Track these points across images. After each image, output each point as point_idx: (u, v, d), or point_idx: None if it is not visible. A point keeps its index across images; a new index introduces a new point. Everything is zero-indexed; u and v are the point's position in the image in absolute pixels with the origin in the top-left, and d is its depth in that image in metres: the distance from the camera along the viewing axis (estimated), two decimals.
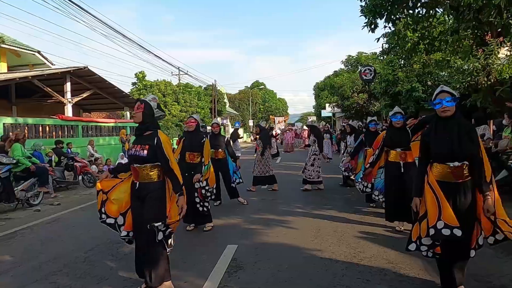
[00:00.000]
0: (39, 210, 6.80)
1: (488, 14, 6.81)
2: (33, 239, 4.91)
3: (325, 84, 31.07)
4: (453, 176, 2.73)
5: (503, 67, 7.38)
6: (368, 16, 8.01)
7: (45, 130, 11.50)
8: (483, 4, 6.82)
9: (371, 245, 4.22)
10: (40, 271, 3.68)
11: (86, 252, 4.16)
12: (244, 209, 6.31)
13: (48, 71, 13.68)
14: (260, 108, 55.10)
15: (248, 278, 3.37)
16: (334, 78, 26.33)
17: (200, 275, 3.43)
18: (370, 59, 22.82)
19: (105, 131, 14.67)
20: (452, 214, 2.64)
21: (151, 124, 3.00)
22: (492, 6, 6.51)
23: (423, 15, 8.26)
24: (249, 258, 3.87)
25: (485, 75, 7.32)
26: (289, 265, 3.66)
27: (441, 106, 2.74)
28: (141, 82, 25.69)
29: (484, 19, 7.30)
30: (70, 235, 4.93)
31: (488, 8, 6.74)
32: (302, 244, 4.32)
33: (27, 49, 15.22)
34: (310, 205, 6.46)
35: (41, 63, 16.12)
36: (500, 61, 7.35)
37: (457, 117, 2.76)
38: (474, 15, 7.33)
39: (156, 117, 3.05)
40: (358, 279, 3.29)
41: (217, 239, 4.57)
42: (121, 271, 3.55)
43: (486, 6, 6.76)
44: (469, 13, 7.25)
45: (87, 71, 13.74)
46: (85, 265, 3.81)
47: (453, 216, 2.63)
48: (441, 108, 2.74)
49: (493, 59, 7.19)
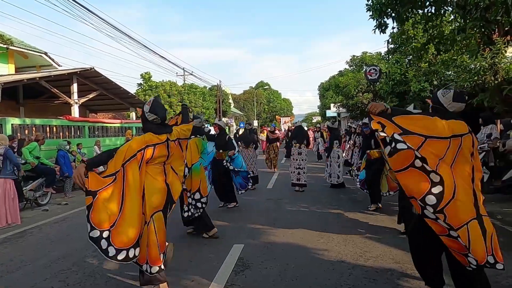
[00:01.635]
0: (47, 210, 6.88)
1: (495, 13, 6.75)
2: (42, 238, 4.98)
3: (330, 84, 30.98)
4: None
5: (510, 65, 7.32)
6: (376, 17, 7.96)
7: (53, 130, 11.61)
8: (490, 3, 6.76)
9: (377, 245, 4.21)
10: (50, 269, 3.74)
11: (94, 251, 4.18)
12: (250, 209, 6.32)
13: (55, 72, 13.81)
14: (264, 108, 55.09)
15: (255, 277, 3.38)
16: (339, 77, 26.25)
17: (207, 274, 3.45)
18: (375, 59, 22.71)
19: (111, 131, 14.76)
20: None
21: (144, 129, 3.09)
22: (500, 4, 6.46)
23: (433, 13, 8.21)
24: (256, 257, 3.89)
25: (492, 74, 7.27)
26: (295, 264, 3.67)
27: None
28: (146, 83, 25.84)
29: (491, 17, 7.23)
30: (78, 234, 5.00)
31: (495, 7, 6.69)
32: (308, 243, 4.33)
33: (34, 50, 15.37)
34: (316, 205, 6.47)
35: (48, 64, 16.28)
36: (507, 60, 7.29)
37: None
38: (481, 13, 7.27)
39: (150, 121, 3.03)
40: (364, 279, 3.30)
41: (224, 239, 4.59)
42: (129, 269, 3.57)
43: (493, 5, 6.70)
44: (476, 11, 7.19)
45: (94, 72, 13.85)
46: (93, 263, 3.86)
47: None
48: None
49: (500, 58, 7.13)
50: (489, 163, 6.08)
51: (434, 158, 2.28)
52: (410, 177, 2.27)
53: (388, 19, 8.15)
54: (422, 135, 2.31)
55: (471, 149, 2.40)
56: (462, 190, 2.30)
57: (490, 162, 6.10)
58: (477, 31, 8.00)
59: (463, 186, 2.32)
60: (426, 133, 2.32)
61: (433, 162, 2.26)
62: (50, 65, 16.26)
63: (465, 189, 2.33)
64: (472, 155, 2.45)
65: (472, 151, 2.42)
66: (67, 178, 8.27)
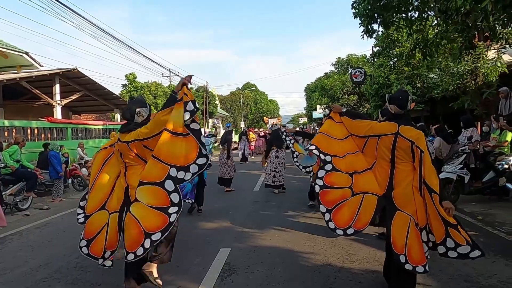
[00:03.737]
0: (28, 214, 6.69)
1: (475, 18, 6.95)
2: (22, 244, 4.83)
3: (316, 85, 31.25)
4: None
5: (489, 70, 7.55)
6: (363, 22, 8.08)
7: (34, 132, 11.32)
8: (470, 8, 6.95)
9: (363, 247, 4.26)
10: (31, 277, 3.63)
11: (77, 257, 4.09)
12: (237, 212, 6.31)
13: (36, 73, 13.49)
14: (251, 110, 55.10)
15: (242, 282, 3.37)
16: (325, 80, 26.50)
17: (194, 279, 3.42)
18: (360, 61, 23.05)
19: (95, 133, 14.50)
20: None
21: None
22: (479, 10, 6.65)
23: (416, 18, 8.38)
24: (242, 261, 3.87)
25: (472, 78, 7.48)
26: (282, 268, 3.68)
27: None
28: (131, 84, 25.49)
29: (471, 22, 7.44)
30: (61, 240, 4.85)
31: (475, 12, 6.88)
32: (295, 246, 4.34)
33: (15, 50, 14.95)
34: (302, 207, 6.50)
35: (29, 65, 15.85)
36: (487, 65, 7.51)
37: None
38: (462, 18, 7.48)
39: (138, 123, 3.01)
40: (350, 281, 3.33)
41: (210, 243, 4.56)
42: (113, 277, 3.51)
43: (474, 10, 6.89)
44: (457, 17, 7.38)
45: (77, 72, 13.58)
46: (76, 270, 3.77)
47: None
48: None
49: (481, 62, 7.34)
50: (470, 165, 6.24)
51: (345, 150, 3.10)
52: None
53: (375, 24, 8.29)
54: (349, 133, 3.15)
55: (389, 146, 2.83)
56: (366, 176, 2.97)
57: (471, 164, 6.26)
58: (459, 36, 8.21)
59: (368, 174, 2.97)
60: (352, 132, 3.13)
61: (341, 152, 3.08)
62: (31, 65, 15.84)
63: (370, 177, 2.95)
64: (412, 154, 2.77)
65: (389, 147, 2.84)
66: (56, 180, 8.06)
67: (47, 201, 7.96)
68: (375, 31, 8.45)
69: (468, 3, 6.27)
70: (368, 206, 2.87)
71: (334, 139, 3.14)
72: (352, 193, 2.92)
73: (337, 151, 3.07)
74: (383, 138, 2.85)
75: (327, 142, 3.13)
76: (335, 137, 3.14)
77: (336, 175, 2.99)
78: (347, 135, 3.14)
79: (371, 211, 2.85)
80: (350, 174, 2.98)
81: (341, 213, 2.89)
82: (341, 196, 2.93)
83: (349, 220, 2.87)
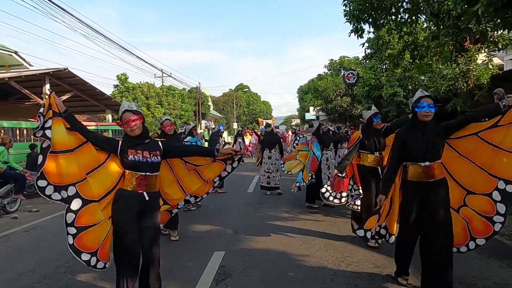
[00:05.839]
0: (17, 217, 6.53)
1: (466, 21, 7.01)
2: (9, 248, 4.69)
3: (309, 87, 31.32)
4: (425, 175, 2.94)
5: (480, 72, 7.62)
6: (353, 22, 8.10)
7: (22, 133, 11.12)
8: (462, 11, 7.02)
9: (358, 249, 4.24)
10: (18, 282, 3.52)
11: (67, 262, 3.98)
12: (230, 214, 6.25)
13: (26, 73, 13.25)
14: (244, 111, 55.03)
15: (237, 286, 3.32)
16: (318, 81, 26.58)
17: (187, 284, 3.35)
18: (353, 63, 23.16)
19: None
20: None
21: (147, 133, 2.91)
22: (471, 13, 6.71)
23: (406, 20, 8.44)
24: (237, 264, 3.82)
25: (464, 80, 7.55)
26: (277, 271, 3.63)
27: (425, 110, 2.92)
28: (123, 84, 25.21)
29: (463, 25, 7.51)
30: (50, 243, 4.73)
31: (467, 15, 6.95)
32: (290, 249, 4.30)
33: (3, 49, 14.68)
34: (296, 209, 6.47)
35: (19, 64, 15.59)
36: (478, 67, 7.58)
37: (433, 121, 2.99)
38: (454, 21, 7.54)
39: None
40: (346, 284, 3.30)
41: (204, 246, 4.49)
42: (103, 281, 3.42)
43: (465, 13, 6.96)
44: (448, 19, 7.45)
45: (67, 72, 13.40)
46: (66, 275, 3.67)
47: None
48: (424, 112, 2.92)
49: (473, 65, 7.41)
50: None
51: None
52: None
53: (365, 24, 8.31)
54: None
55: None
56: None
57: None
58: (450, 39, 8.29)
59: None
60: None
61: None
62: (20, 64, 15.58)
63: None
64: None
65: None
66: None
67: (36, 203, 7.80)
68: (364, 31, 8.47)
69: (460, 6, 6.32)
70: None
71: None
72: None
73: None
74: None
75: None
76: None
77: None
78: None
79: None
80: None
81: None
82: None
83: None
